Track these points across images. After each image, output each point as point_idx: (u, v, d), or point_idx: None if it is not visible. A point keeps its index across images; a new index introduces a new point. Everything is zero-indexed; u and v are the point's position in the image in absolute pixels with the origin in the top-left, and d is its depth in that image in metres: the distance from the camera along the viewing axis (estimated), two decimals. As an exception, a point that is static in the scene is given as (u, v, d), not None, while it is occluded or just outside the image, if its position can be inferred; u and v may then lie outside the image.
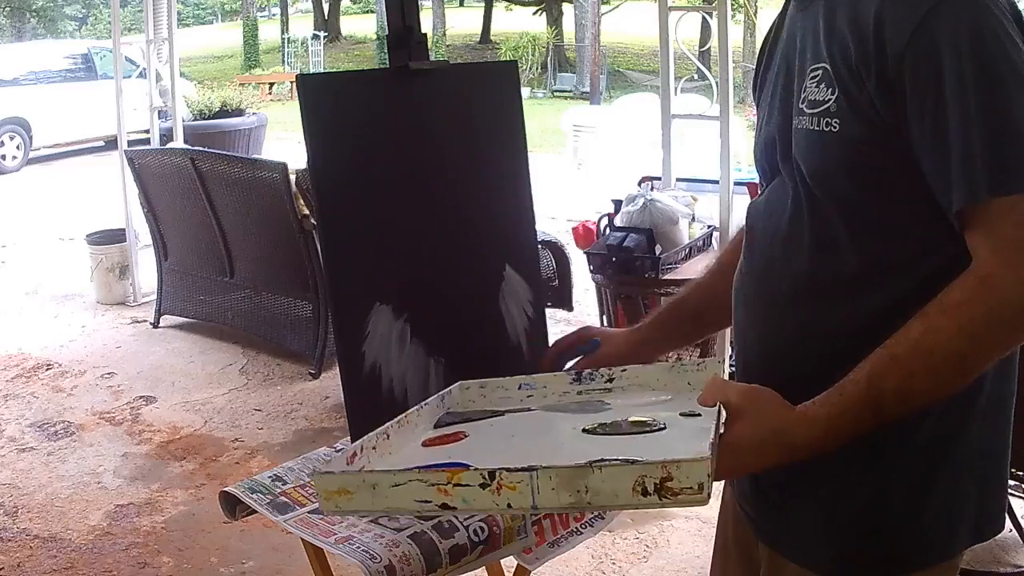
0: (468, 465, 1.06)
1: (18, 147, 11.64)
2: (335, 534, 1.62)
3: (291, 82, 17.68)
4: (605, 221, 3.83)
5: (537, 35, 22.93)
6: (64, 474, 3.55)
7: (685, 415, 1.22)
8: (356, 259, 1.48)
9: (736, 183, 3.77)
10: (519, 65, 2.23)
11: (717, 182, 3.81)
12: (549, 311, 2.75)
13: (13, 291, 6.07)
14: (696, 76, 5.38)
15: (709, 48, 6.99)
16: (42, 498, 3.36)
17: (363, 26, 28.94)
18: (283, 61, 22.82)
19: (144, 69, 6.32)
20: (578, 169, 9.69)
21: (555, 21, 24.41)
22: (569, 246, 4.52)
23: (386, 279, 1.51)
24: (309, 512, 1.70)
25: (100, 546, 3.04)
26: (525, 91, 14.78)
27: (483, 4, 29.04)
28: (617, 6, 23.41)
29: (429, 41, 1.63)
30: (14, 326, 5.36)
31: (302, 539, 1.69)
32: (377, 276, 1.50)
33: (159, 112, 6.17)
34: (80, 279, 5.91)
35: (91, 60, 12.53)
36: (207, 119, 10.10)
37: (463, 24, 28.43)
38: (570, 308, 4.49)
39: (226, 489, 1.81)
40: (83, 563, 2.94)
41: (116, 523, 3.19)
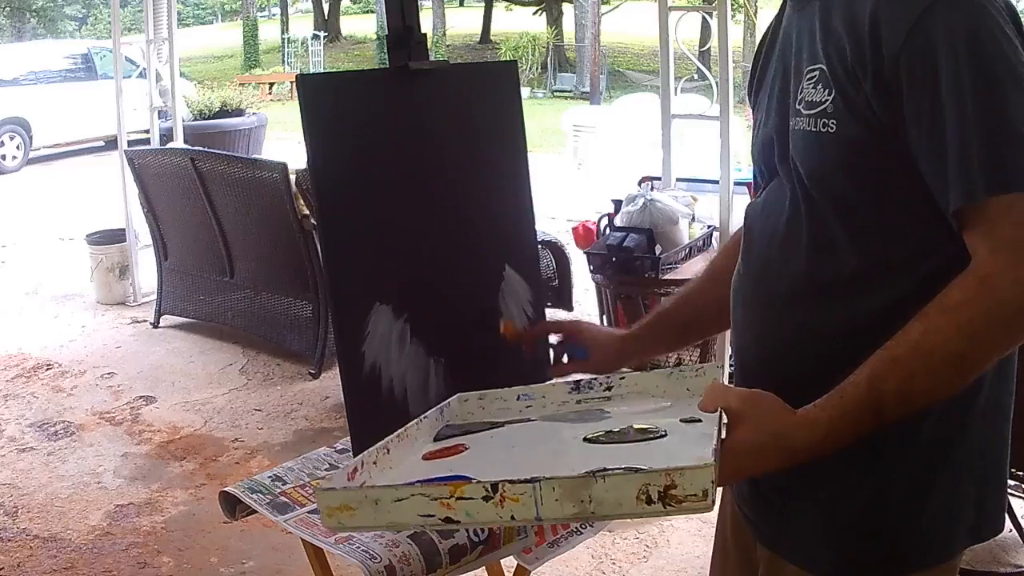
0: (470, 478, 1.05)
1: (18, 147, 11.64)
2: (335, 534, 1.62)
3: (291, 82, 17.68)
4: (605, 221, 3.83)
5: (537, 35, 22.92)
6: (64, 474, 3.55)
7: (686, 421, 1.21)
8: (356, 259, 1.48)
9: (736, 183, 3.77)
10: (519, 65, 2.23)
11: (717, 182, 3.82)
12: (549, 311, 2.74)
13: (13, 291, 6.07)
14: (696, 76, 5.38)
15: (709, 48, 6.99)
16: (42, 498, 3.36)
17: (363, 26, 28.94)
18: (283, 61, 22.82)
19: (144, 69, 6.32)
20: (578, 169, 9.69)
21: (555, 21, 24.41)
22: (569, 246, 4.53)
23: (386, 279, 1.51)
24: (309, 512, 1.70)
25: (100, 546, 3.04)
26: (525, 91, 14.80)
27: (483, 4, 29.03)
28: (617, 6, 23.41)
29: (429, 41, 1.63)
30: (14, 326, 5.36)
31: (302, 539, 1.69)
32: (377, 276, 1.49)
33: (159, 112, 6.17)
34: (80, 279, 5.91)
35: (91, 60, 12.54)
36: (207, 119, 10.10)
37: (463, 24, 28.43)
38: (570, 308, 4.49)
39: (226, 489, 1.82)
40: (83, 563, 2.94)
41: (116, 523, 3.19)
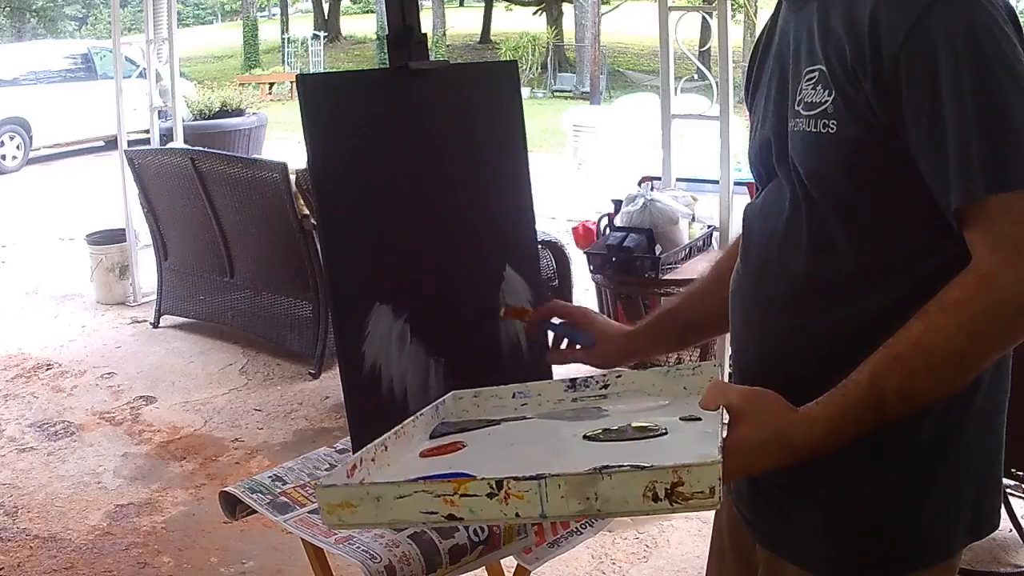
0: (472, 475, 1.03)
1: (18, 147, 11.64)
2: (335, 534, 1.62)
3: (291, 82, 17.68)
4: (605, 221, 3.84)
5: (537, 35, 22.92)
6: (64, 474, 3.55)
7: (685, 419, 1.21)
8: (356, 259, 1.48)
9: (736, 183, 3.77)
10: (519, 65, 2.23)
11: (717, 182, 3.82)
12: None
13: (13, 291, 6.07)
14: (696, 76, 5.38)
15: (709, 48, 6.99)
16: (42, 498, 3.36)
17: (363, 26, 28.94)
18: (283, 61, 22.82)
19: (144, 69, 6.33)
20: (578, 169, 9.68)
21: (555, 21, 24.41)
22: (569, 246, 4.52)
23: (386, 279, 1.51)
24: (309, 512, 1.70)
25: (100, 546, 3.04)
26: (525, 91, 14.77)
27: (483, 4, 29.03)
28: (617, 6, 23.41)
29: (429, 41, 1.63)
30: (14, 326, 5.36)
31: (302, 539, 1.69)
32: (377, 276, 1.49)
33: (159, 112, 6.17)
34: (80, 279, 5.91)
35: (91, 60, 12.54)
36: (207, 119, 10.10)
37: (463, 24, 28.43)
38: (570, 308, 4.48)
39: (226, 489, 1.82)
40: (83, 563, 2.94)
41: (116, 523, 3.19)
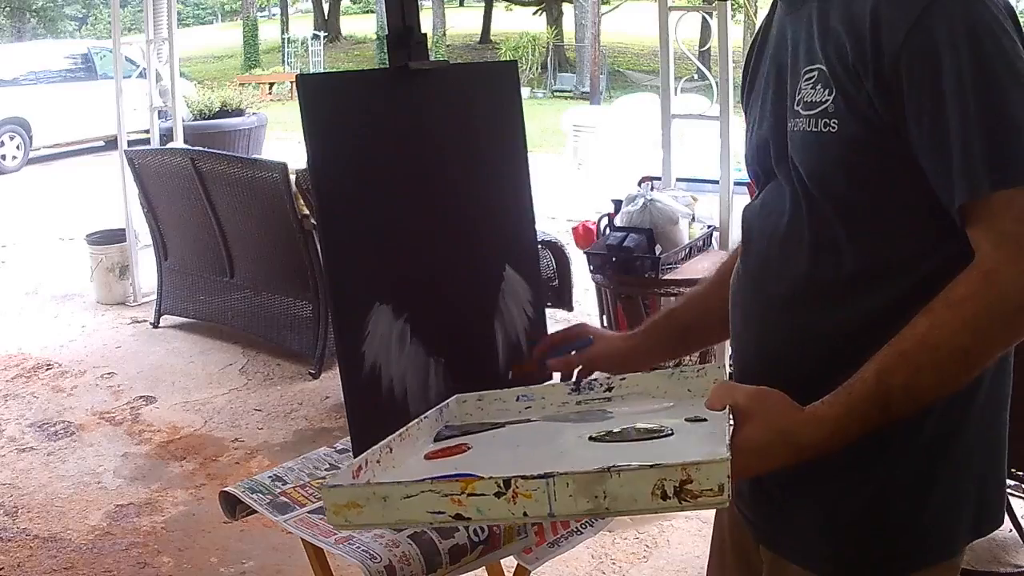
0: (479, 475, 1.02)
1: (18, 147, 11.65)
2: (335, 534, 1.62)
3: (291, 82, 17.69)
4: (605, 221, 3.83)
5: (537, 35, 22.93)
6: (64, 474, 3.55)
7: (691, 420, 1.20)
8: (356, 259, 1.48)
9: (736, 183, 3.77)
10: (519, 65, 2.23)
11: (717, 182, 3.82)
12: (549, 311, 2.75)
13: (13, 291, 6.07)
14: (696, 76, 5.38)
15: (709, 48, 6.98)
16: (42, 498, 3.36)
17: (363, 26, 28.94)
18: (283, 61, 22.83)
19: (144, 69, 6.32)
20: (578, 169, 9.69)
21: (555, 21, 24.42)
22: (569, 246, 4.52)
23: (386, 279, 1.50)
24: (309, 512, 1.70)
25: (100, 546, 3.04)
26: (525, 91, 14.79)
27: (483, 4, 29.04)
28: (617, 6, 23.42)
29: (429, 41, 1.62)
30: (14, 326, 5.36)
31: (302, 539, 1.69)
32: (377, 276, 1.49)
33: (159, 112, 6.17)
34: (80, 279, 5.91)
35: (91, 60, 12.54)
36: (207, 119, 10.10)
37: (463, 24, 28.44)
38: (570, 308, 4.49)
39: (226, 489, 1.82)
40: (83, 563, 2.94)
41: (116, 523, 3.19)
